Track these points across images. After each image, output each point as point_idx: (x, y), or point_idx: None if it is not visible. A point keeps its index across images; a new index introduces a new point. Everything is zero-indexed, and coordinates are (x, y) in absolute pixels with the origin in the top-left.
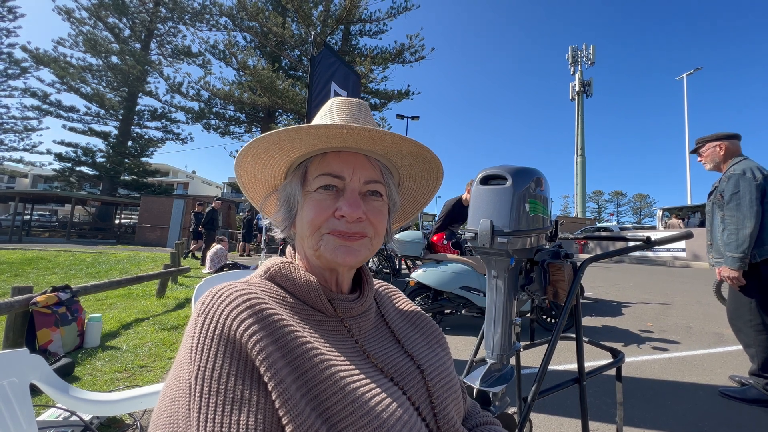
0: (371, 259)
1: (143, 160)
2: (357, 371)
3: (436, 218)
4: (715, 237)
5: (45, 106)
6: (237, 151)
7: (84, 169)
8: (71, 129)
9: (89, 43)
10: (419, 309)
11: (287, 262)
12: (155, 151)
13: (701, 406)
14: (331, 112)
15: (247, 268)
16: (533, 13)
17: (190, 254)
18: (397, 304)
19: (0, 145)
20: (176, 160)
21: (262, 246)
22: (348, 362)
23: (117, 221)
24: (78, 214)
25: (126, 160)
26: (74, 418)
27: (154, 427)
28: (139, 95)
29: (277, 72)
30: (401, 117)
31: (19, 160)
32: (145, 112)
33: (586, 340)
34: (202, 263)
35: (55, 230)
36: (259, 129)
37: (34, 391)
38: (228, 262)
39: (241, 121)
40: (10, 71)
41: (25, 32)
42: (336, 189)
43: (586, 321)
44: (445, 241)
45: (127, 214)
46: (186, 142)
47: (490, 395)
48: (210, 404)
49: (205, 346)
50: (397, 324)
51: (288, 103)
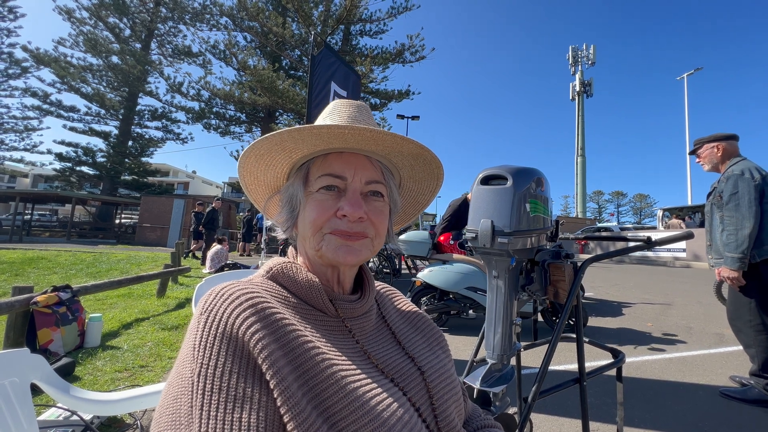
0: (371, 259)
1: (143, 159)
2: (358, 371)
3: (441, 218)
4: (714, 237)
5: (45, 106)
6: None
7: (84, 169)
8: (72, 129)
9: (90, 43)
10: (420, 310)
11: (289, 262)
12: (155, 150)
13: (701, 407)
14: (333, 114)
15: (247, 267)
16: (534, 13)
17: (191, 254)
18: (397, 306)
19: (1, 145)
20: (176, 160)
21: (263, 246)
22: (349, 362)
23: (117, 221)
24: (78, 214)
25: (126, 160)
26: (75, 417)
27: (157, 425)
28: (140, 95)
29: (278, 72)
30: (401, 117)
31: (20, 160)
32: (146, 112)
33: (587, 340)
34: (203, 263)
35: (55, 230)
36: (259, 129)
37: (35, 390)
38: (228, 262)
39: (241, 121)
40: (10, 71)
41: (26, 32)
42: (338, 189)
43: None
44: (452, 241)
45: (127, 214)
46: (186, 142)
47: (491, 395)
48: (212, 402)
49: (208, 344)
50: (398, 325)
51: (288, 103)
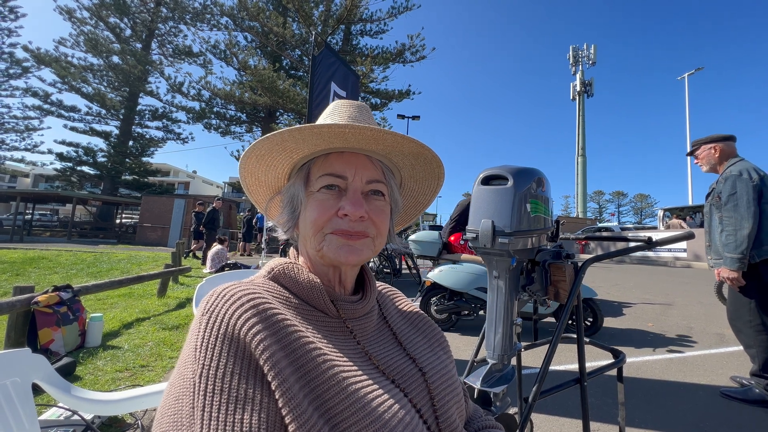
0: (372, 259)
1: (144, 159)
2: (359, 372)
3: (449, 218)
4: (713, 238)
5: (46, 106)
6: (238, 151)
7: (85, 169)
8: (72, 129)
9: (90, 43)
10: (421, 311)
11: (291, 263)
12: (156, 150)
13: (702, 407)
14: (334, 114)
15: (247, 267)
16: (534, 13)
17: (191, 254)
18: (399, 306)
19: (1, 145)
20: (177, 160)
21: (263, 246)
22: (350, 363)
23: (118, 221)
24: (79, 214)
25: (127, 160)
26: (76, 417)
27: (158, 425)
28: (140, 95)
29: (278, 72)
30: (402, 117)
31: (21, 160)
32: (146, 112)
33: (587, 340)
34: (203, 263)
35: (56, 230)
36: (259, 129)
37: (36, 390)
38: (229, 262)
39: (242, 121)
40: (11, 71)
41: (27, 32)
42: (339, 189)
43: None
44: (462, 241)
45: (128, 214)
46: (187, 142)
47: (491, 395)
48: (214, 403)
49: (210, 345)
50: (399, 326)
51: (289, 103)
